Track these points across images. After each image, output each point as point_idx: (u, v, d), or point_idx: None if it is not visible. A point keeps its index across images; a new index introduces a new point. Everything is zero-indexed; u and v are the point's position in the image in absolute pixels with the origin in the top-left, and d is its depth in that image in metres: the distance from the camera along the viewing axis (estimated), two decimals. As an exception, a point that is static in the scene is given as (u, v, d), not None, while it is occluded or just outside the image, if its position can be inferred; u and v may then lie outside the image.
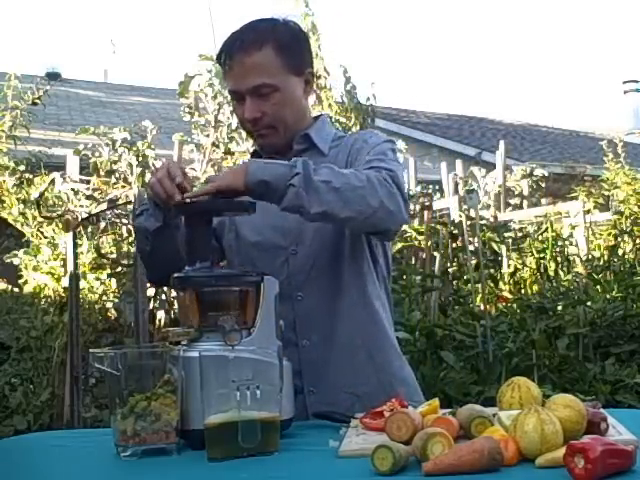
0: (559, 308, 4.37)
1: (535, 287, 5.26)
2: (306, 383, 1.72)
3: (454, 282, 5.02)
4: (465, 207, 5.38)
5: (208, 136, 4.99)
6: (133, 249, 4.26)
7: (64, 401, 4.07)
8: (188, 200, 1.59)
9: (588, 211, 6.17)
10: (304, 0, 5.29)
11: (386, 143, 1.81)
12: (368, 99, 6.02)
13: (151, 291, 4.40)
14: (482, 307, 4.46)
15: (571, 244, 5.64)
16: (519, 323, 4.20)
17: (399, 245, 5.42)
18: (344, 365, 1.75)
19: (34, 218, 4.76)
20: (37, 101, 5.24)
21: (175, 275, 1.57)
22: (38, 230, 4.72)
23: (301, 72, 1.79)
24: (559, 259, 5.26)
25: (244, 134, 4.94)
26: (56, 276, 4.49)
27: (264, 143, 1.83)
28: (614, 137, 7.62)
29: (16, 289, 4.85)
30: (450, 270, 5.05)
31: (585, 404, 1.36)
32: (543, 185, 8.96)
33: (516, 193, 8.49)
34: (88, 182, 4.96)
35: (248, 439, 1.34)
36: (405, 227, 5.00)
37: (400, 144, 5.85)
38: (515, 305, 4.70)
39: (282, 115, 1.78)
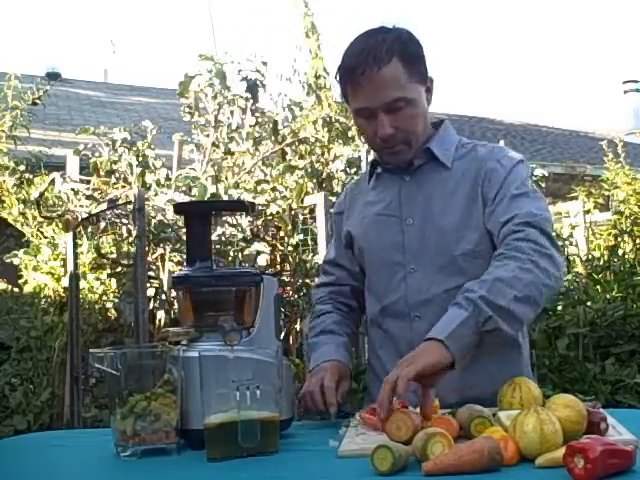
0: (559, 308, 4.36)
1: (535, 287, 5.25)
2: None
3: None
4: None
5: (208, 136, 4.98)
6: (133, 249, 4.26)
7: (64, 401, 4.07)
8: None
9: (588, 211, 6.16)
10: (304, 0, 5.29)
11: (520, 165, 1.76)
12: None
13: (151, 291, 4.40)
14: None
15: (571, 244, 5.63)
16: (519, 323, 4.19)
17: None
18: (461, 390, 1.66)
19: (34, 218, 4.76)
20: (37, 101, 5.24)
21: (175, 275, 1.57)
22: (38, 230, 4.72)
23: (425, 80, 1.74)
24: (559, 259, 5.25)
25: (244, 134, 4.94)
26: (56, 276, 4.49)
27: (396, 160, 1.77)
28: (614, 137, 7.61)
29: (16, 289, 4.84)
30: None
31: (585, 404, 1.36)
32: (543, 185, 8.95)
33: (516, 193, 8.48)
34: (88, 182, 4.95)
35: (248, 439, 1.34)
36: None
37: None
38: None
39: (414, 128, 1.73)
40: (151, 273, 4.44)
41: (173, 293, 4.27)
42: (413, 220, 1.76)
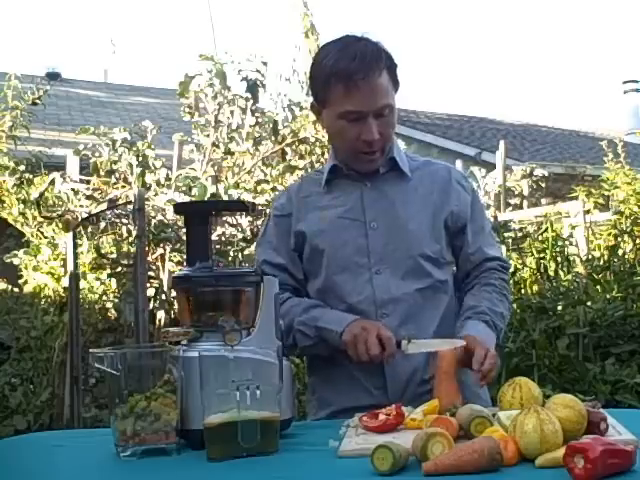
0: (559, 308, 4.36)
1: (535, 287, 5.26)
2: (391, 397, 1.70)
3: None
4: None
5: (208, 136, 4.99)
6: (133, 249, 4.26)
7: (64, 401, 4.07)
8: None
9: (588, 211, 6.16)
10: (303, 0, 5.29)
11: (475, 191, 1.96)
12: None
13: (151, 291, 4.40)
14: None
15: (571, 244, 5.62)
16: (519, 323, 4.19)
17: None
18: (427, 381, 1.73)
19: (34, 218, 4.76)
20: (37, 101, 5.25)
21: (175, 275, 1.57)
22: (38, 230, 4.73)
23: (397, 90, 1.79)
24: (559, 259, 5.24)
25: (244, 134, 4.94)
26: (56, 276, 4.49)
27: (370, 167, 1.81)
28: (614, 137, 7.62)
29: (16, 289, 4.85)
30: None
31: (585, 404, 1.36)
32: (543, 185, 8.98)
33: (516, 193, 8.50)
34: (88, 182, 4.96)
35: (248, 439, 1.34)
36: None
37: (400, 144, 5.84)
38: (515, 305, 4.70)
39: (390, 135, 1.79)
40: (151, 273, 4.45)
41: (173, 293, 4.28)
42: (377, 224, 1.80)
